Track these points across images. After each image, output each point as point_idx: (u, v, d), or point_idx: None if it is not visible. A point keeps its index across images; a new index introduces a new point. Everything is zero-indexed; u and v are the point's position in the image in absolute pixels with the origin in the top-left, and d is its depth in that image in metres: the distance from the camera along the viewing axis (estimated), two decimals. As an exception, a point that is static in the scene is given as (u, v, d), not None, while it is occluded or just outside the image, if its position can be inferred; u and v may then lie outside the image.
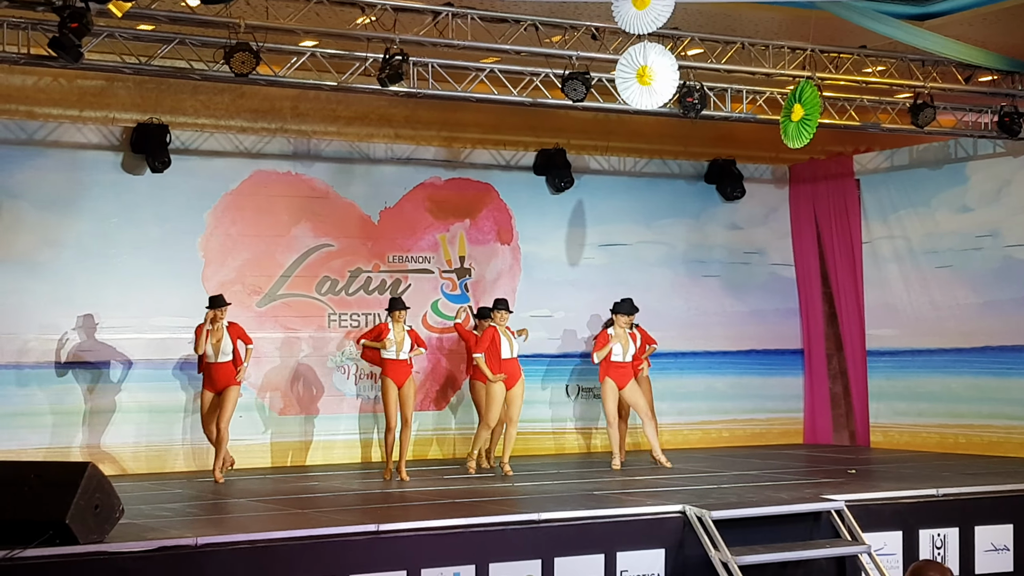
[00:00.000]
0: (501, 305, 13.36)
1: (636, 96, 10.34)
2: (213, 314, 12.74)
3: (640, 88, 10.30)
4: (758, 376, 17.06)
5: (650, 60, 10.19)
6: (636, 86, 10.32)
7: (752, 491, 11.64)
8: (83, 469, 8.52)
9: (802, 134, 11.80)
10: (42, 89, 13.69)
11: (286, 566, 8.93)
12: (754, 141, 16.68)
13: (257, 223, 14.57)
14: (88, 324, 13.71)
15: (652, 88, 10.17)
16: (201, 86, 13.92)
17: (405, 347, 12.88)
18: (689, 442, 16.49)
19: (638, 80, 10.28)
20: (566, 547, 9.77)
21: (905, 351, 16.32)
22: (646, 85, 10.24)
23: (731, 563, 9.91)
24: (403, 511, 10.48)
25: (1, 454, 11.21)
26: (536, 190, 16.08)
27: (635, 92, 10.34)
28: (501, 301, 13.49)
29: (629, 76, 10.31)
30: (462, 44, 12.18)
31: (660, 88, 10.22)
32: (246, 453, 14.09)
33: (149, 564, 8.50)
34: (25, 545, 8.14)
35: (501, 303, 13.42)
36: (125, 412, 13.78)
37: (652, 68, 10.21)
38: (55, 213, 13.62)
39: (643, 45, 10.21)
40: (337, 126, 15.11)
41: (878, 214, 16.71)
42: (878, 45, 13.41)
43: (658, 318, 16.32)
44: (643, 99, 10.33)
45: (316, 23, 11.79)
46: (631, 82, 10.31)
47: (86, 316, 13.67)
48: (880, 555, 10.63)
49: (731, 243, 17.21)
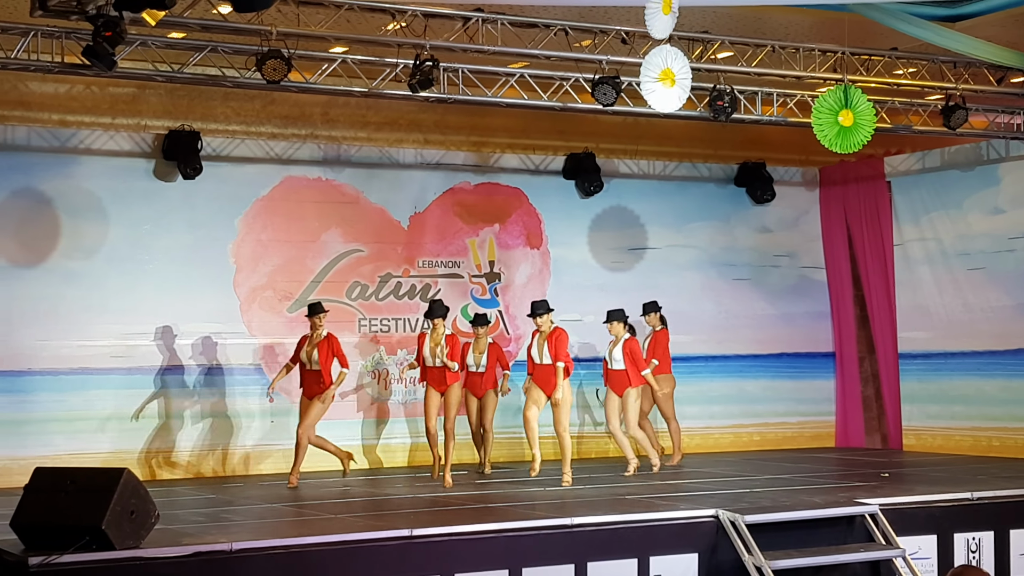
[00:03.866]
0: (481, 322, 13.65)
1: (662, 98, 10.41)
2: (311, 321, 12.75)
3: (665, 90, 10.36)
4: (789, 379, 17.00)
5: (670, 62, 10.28)
6: (661, 88, 10.38)
7: (785, 495, 11.61)
8: (119, 475, 8.57)
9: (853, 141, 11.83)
10: (75, 97, 13.78)
11: (320, 571, 8.96)
12: (784, 144, 16.63)
13: (288, 229, 14.63)
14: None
15: (674, 91, 10.25)
16: (232, 93, 13.99)
17: (440, 354, 12.77)
18: (720, 446, 16.45)
19: (662, 82, 10.34)
20: (599, 551, 9.76)
21: (938, 354, 16.24)
22: (671, 87, 10.31)
23: (765, 567, 9.89)
24: (437, 516, 10.50)
25: (36, 460, 11.22)
26: (566, 194, 16.07)
27: (660, 94, 10.40)
28: (481, 317, 13.81)
29: (653, 79, 10.37)
30: (492, 49, 12.21)
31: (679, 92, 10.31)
32: (280, 459, 14.14)
33: (184, 569, 8.54)
34: (62, 551, 8.19)
35: (480, 319, 13.74)
36: (155, 417, 13.84)
37: (676, 71, 10.28)
38: (88, 220, 13.70)
39: (662, 48, 10.29)
40: (367, 132, 15.15)
41: (910, 216, 16.64)
42: (909, 47, 13.37)
43: (688, 321, 16.32)
44: (668, 102, 10.40)
45: (347, 29, 11.84)
46: (656, 84, 10.37)
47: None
48: (915, 559, 10.58)
49: (761, 246, 17.17)
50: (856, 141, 11.95)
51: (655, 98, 10.51)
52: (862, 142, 12.02)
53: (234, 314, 14.29)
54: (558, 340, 12.65)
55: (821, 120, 12.04)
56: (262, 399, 14.23)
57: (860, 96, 11.88)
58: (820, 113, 12.08)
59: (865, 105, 11.90)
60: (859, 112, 11.87)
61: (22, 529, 8.63)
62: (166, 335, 13.92)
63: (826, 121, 11.95)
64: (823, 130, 11.98)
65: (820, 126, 12.04)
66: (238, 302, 14.34)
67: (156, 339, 13.88)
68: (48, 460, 11.87)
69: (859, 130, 11.91)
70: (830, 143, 12.01)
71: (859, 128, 11.90)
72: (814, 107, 12.26)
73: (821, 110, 12.06)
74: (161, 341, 13.90)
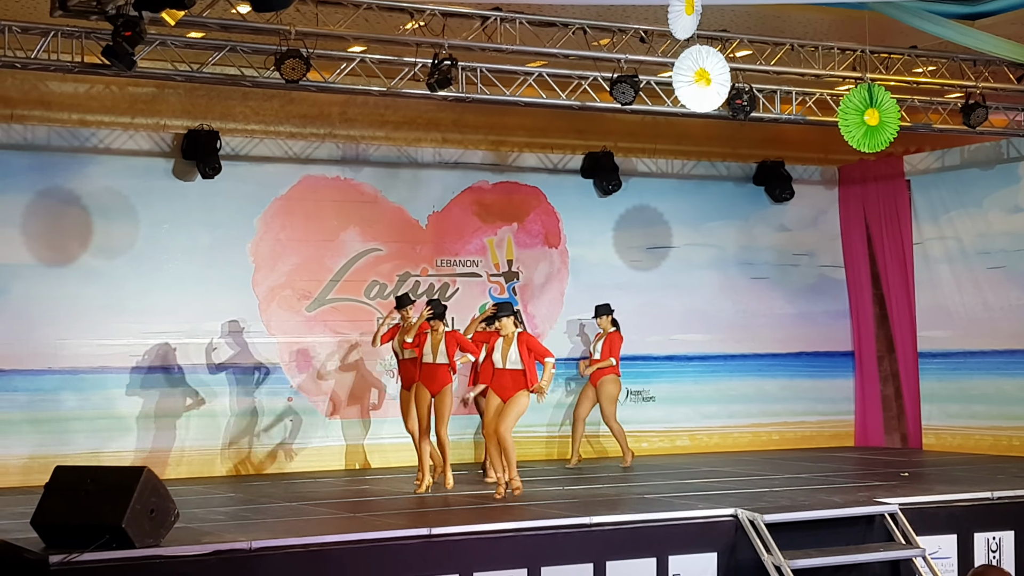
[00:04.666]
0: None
1: (694, 97, 10.40)
2: (402, 314, 12.41)
3: (699, 89, 10.35)
4: (808, 378, 16.96)
5: (707, 63, 10.25)
6: (695, 88, 10.36)
7: (804, 494, 11.58)
8: (139, 474, 8.60)
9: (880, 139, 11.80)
10: (94, 97, 13.82)
11: (339, 570, 8.98)
12: (803, 142, 16.60)
13: (306, 228, 14.65)
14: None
15: (711, 90, 10.22)
16: (251, 92, 14.01)
17: (440, 351, 12.08)
18: (739, 445, 16.42)
19: (697, 81, 10.32)
20: (618, 551, 9.76)
21: (957, 353, 16.18)
22: (706, 86, 10.29)
23: (784, 567, 9.87)
24: (455, 515, 10.50)
25: (57, 459, 11.27)
26: (584, 193, 16.06)
27: (694, 94, 10.39)
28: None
29: (687, 78, 10.35)
30: (510, 48, 12.21)
31: (718, 90, 10.27)
32: (296, 457, 14.20)
33: (204, 568, 8.57)
34: (83, 549, 8.22)
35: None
36: (174, 416, 13.88)
37: (710, 70, 10.27)
38: (107, 219, 13.74)
39: (698, 48, 10.27)
40: (385, 131, 15.17)
41: (929, 215, 16.58)
42: (929, 45, 13.32)
43: (707, 320, 16.32)
44: (701, 101, 10.38)
45: (365, 29, 11.86)
46: (690, 84, 10.35)
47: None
48: (935, 559, 10.55)
49: (780, 245, 17.13)
50: (882, 140, 11.91)
51: (691, 99, 10.46)
52: (888, 140, 11.97)
53: (253, 313, 14.32)
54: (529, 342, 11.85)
55: (848, 120, 11.98)
56: (281, 398, 14.31)
57: (884, 94, 11.84)
58: (846, 113, 12.02)
59: (890, 103, 11.86)
60: (884, 110, 11.83)
61: (43, 528, 8.67)
62: (185, 334, 13.94)
63: (852, 121, 11.89)
64: (850, 130, 11.92)
65: (847, 126, 11.99)
66: (257, 301, 14.37)
67: (175, 338, 13.90)
68: (68, 459, 11.92)
69: (885, 129, 11.87)
70: (858, 143, 11.94)
71: (885, 127, 11.86)
72: (839, 107, 12.21)
73: (847, 110, 12.00)
74: (180, 340, 13.93)
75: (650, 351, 15.51)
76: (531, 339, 11.81)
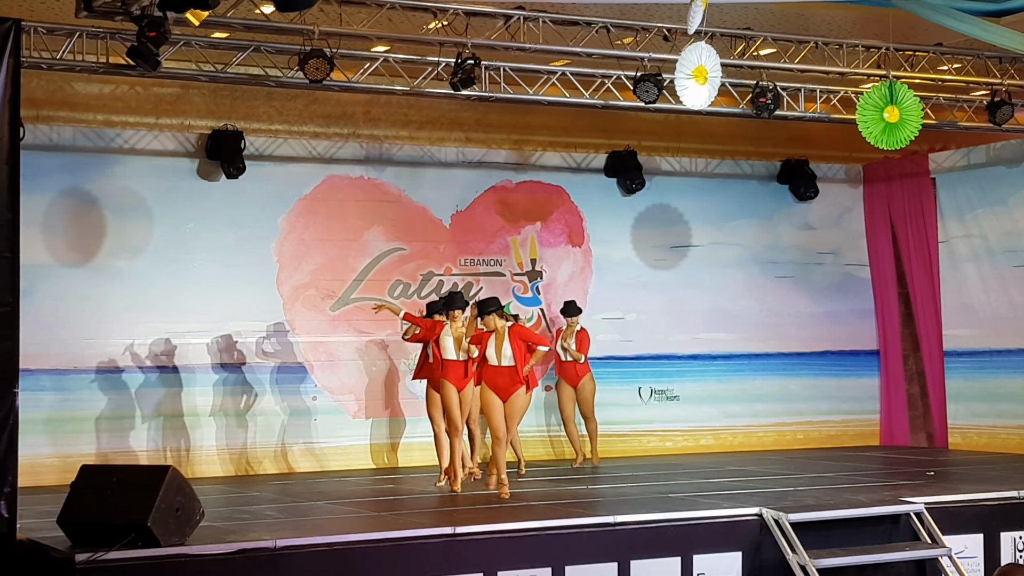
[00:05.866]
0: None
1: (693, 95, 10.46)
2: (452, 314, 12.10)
3: (697, 87, 10.42)
4: (833, 377, 16.91)
5: (704, 59, 10.33)
6: (693, 85, 10.43)
7: (829, 493, 11.55)
8: (164, 473, 8.63)
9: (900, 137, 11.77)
10: (119, 97, 13.88)
11: (364, 568, 8.99)
12: (827, 141, 16.55)
13: (330, 227, 14.68)
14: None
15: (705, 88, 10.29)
16: (274, 92, 14.05)
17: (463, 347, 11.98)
18: (763, 444, 16.38)
19: (696, 79, 10.39)
20: (642, 550, 9.75)
21: (983, 351, 16.10)
22: (702, 84, 10.37)
23: (809, 566, 9.84)
24: (480, 514, 10.50)
25: (82, 458, 11.35)
26: (607, 192, 16.05)
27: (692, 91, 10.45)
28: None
29: (687, 75, 10.42)
30: (533, 47, 12.21)
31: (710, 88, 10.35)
32: (321, 456, 14.23)
33: (229, 566, 8.59)
34: (108, 548, 8.25)
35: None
36: (199, 415, 13.92)
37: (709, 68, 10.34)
38: (132, 219, 13.80)
39: (698, 44, 10.33)
40: (409, 130, 15.18)
41: (954, 213, 16.51)
42: (954, 43, 13.26)
43: (731, 319, 16.28)
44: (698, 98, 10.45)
45: (389, 28, 11.87)
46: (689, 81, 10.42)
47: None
48: (961, 558, 10.51)
49: (804, 244, 17.08)
50: (903, 137, 11.90)
51: (687, 95, 10.55)
52: (909, 138, 11.96)
53: (277, 313, 14.35)
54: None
55: (866, 117, 11.98)
56: (306, 397, 14.34)
57: (906, 92, 11.81)
58: (865, 110, 12.02)
59: (911, 100, 11.83)
60: (905, 108, 11.80)
61: (69, 526, 8.71)
62: (210, 333, 13.99)
63: (871, 118, 11.89)
64: (868, 127, 11.93)
65: (865, 123, 11.98)
66: (281, 301, 14.41)
67: (200, 338, 13.95)
68: (94, 458, 12.01)
69: (905, 126, 11.85)
70: (875, 140, 11.95)
71: (905, 124, 11.84)
72: (859, 104, 12.20)
73: (866, 107, 12.00)
74: (205, 339, 13.97)
75: (674, 350, 15.49)
76: (524, 330, 11.70)
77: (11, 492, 8.55)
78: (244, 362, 14.15)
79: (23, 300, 8.82)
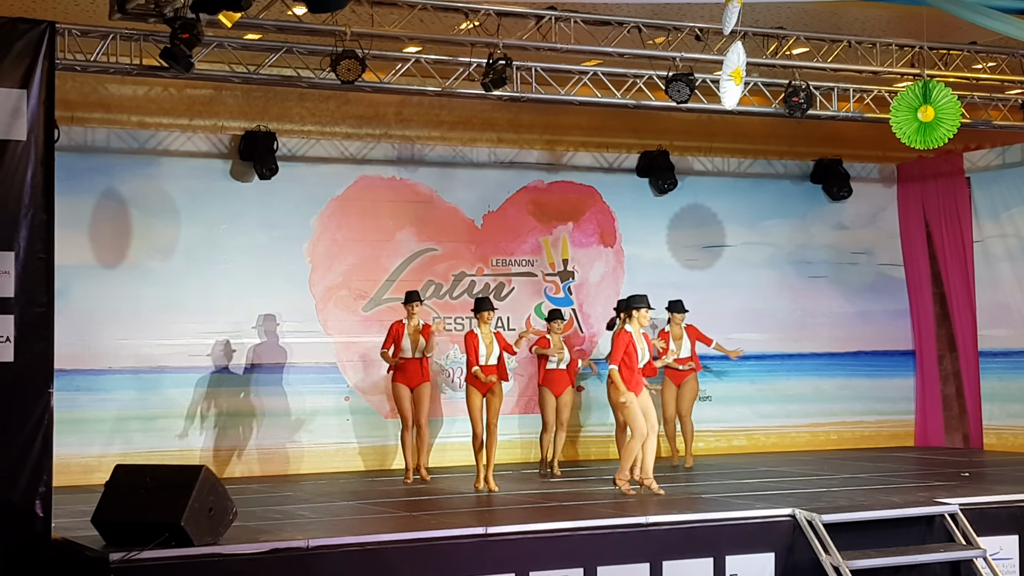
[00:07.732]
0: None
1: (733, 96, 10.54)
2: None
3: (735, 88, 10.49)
4: (867, 378, 16.83)
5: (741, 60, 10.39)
6: (733, 86, 10.49)
7: (863, 494, 11.49)
8: (197, 472, 8.66)
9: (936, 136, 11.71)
10: (153, 99, 13.95)
11: (396, 568, 8.99)
12: (861, 140, 16.47)
13: (362, 228, 14.71)
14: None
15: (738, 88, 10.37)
16: (307, 93, 14.09)
17: (494, 351, 12.19)
18: (796, 444, 16.32)
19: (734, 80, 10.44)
20: (674, 551, 9.71)
21: (1019, 352, 15.99)
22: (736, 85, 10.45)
23: (842, 567, 9.79)
24: (512, 514, 10.51)
25: (117, 458, 11.41)
26: (639, 192, 16.03)
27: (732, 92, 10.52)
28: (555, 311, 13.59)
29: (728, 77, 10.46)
30: (565, 47, 12.21)
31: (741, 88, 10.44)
32: (354, 456, 14.27)
33: (262, 566, 8.61)
34: (142, 547, 8.29)
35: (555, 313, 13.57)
36: (232, 415, 13.98)
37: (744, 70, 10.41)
38: (166, 220, 13.87)
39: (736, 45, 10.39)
40: (440, 131, 15.20)
41: (989, 212, 16.40)
42: (988, 41, 13.18)
43: (764, 319, 16.23)
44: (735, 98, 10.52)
45: (420, 29, 11.90)
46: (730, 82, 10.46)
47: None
48: (996, 560, 10.42)
49: (838, 243, 17.01)
50: (939, 136, 11.82)
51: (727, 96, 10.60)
52: (946, 136, 11.88)
53: (310, 313, 14.40)
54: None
55: (899, 117, 11.91)
56: (337, 398, 14.39)
57: (943, 90, 11.72)
58: (898, 111, 11.96)
59: (949, 99, 11.75)
60: (942, 107, 11.73)
61: (103, 525, 8.76)
62: (243, 334, 14.05)
63: (903, 118, 11.83)
64: (901, 127, 11.87)
65: (898, 123, 11.93)
66: (314, 301, 14.45)
67: (234, 338, 14.01)
68: (128, 458, 12.05)
69: (942, 125, 11.77)
70: (909, 139, 11.88)
71: (942, 123, 11.76)
72: (892, 104, 12.13)
73: (899, 107, 11.94)
74: (239, 340, 14.03)
75: (706, 350, 15.39)
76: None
77: (46, 491, 8.61)
78: (276, 363, 14.18)
79: (57, 301, 8.87)
